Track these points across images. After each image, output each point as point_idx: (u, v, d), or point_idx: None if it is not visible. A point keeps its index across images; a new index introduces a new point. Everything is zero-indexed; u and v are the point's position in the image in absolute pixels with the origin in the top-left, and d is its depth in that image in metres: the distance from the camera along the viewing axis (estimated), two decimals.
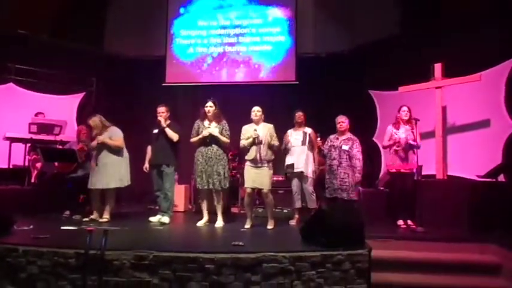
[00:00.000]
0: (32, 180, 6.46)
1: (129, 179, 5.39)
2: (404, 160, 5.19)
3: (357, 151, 5.27)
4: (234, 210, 6.79)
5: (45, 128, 6.45)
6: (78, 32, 8.11)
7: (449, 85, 5.90)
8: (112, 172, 5.24)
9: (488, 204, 4.85)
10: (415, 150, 5.19)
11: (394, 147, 5.23)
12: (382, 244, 4.03)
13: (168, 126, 5.27)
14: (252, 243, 3.86)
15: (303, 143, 5.38)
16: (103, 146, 5.23)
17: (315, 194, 5.40)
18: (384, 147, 5.59)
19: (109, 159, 5.25)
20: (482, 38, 5.83)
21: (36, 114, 6.83)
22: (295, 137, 5.44)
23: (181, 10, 8.89)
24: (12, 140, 6.32)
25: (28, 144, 6.45)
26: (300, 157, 5.34)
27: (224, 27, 8.74)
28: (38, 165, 6.45)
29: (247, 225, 4.96)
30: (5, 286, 3.27)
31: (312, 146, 5.42)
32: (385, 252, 3.86)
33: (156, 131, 5.32)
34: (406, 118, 5.29)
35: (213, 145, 5.07)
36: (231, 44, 8.67)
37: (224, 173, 5.08)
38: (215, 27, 8.77)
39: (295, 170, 5.34)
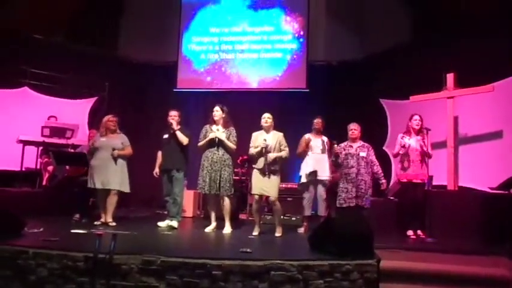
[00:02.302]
0: (44, 183, 6.54)
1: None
2: (415, 170, 5.15)
3: (375, 158, 5.29)
4: (243, 216, 6.79)
5: (58, 131, 6.53)
6: (92, 37, 8.24)
7: (461, 95, 5.85)
8: (120, 174, 5.33)
9: (500, 216, 4.77)
10: (427, 160, 5.15)
11: (400, 152, 5.22)
12: (391, 254, 3.98)
13: (178, 130, 5.31)
14: (259, 251, 3.86)
15: (323, 152, 5.39)
16: (110, 149, 5.29)
17: (326, 202, 5.38)
18: (394, 156, 5.56)
19: (119, 162, 5.34)
20: (496, 48, 5.77)
21: (49, 118, 6.92)
22: (316, 144, 5.43)
23: (194, 17, 8.97)
24: (25, 143, 6.41)
25: (40, 148, 6.54)
26: (323, 165, 5.35)
27: (236, 34, 8.79)
28: (50, 168, 6.53)
29: (255, 232, 4.95)
30: None
31: (328, 154, 5.43)
32: (394, 263, 3.80)
33: (166, 136, 5.37)
34: (418, 127, 5.25)
35: (220, 150, 5.08)
36: (243, 51, 8.72)
37: (229, 179, 5.08)
38: (227, 34, 8.83)
39: (318, 178, 5.32)
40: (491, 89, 5.56)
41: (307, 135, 5.49)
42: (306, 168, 5.39)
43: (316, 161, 5.38)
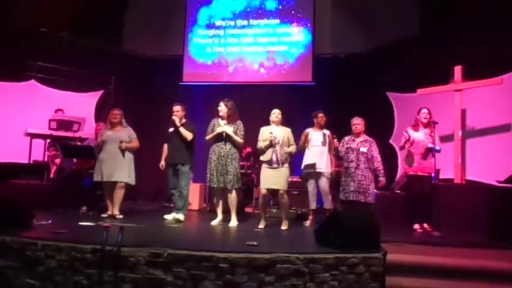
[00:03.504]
0: (51, 176, 6.59)
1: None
2: (423, 163, 5.13)
3: (377, 153, 5.24)
4: (248, 210, 6.80)
5: (65, 124, 6.56)
6: (98, 31, 8.24)
7: (469, 88, 5.80)
8: (128, 167, 5.37)
9: (507, 210, 4.74)
10: (434, 153, 5.13)
11: (406, 145, 5.21)
12: (398, 248, 3.99)
13: (182, 125, 5.33)
14: (266, 244, 3.86)
15: (323, 144, 5.37)
16: (117, 142, 5.32)
17: (330, 195, 5.38)
18: (400, 149, 5.53)
19: (126, 155, 5.38)
20: (504, 40, 5.70)
21: (56, 111, 6.96)
22: (316, 137, 5.41)
23: (200, 10, 8.94)
24: (33, 135, 6.46)
25: (48, 140, 6.59)
26: (321, 158, 5.32)
27: (241, 27, 8.76)
28: (57, 161, 6.57)
29: (261, 226, 4.97)
30: (24, 279, 3.35)
31: (329, 147, 5.40)
32: (400, 256, 3.81)
33: (171, 129, 5.38)
34: (426, 121, 5.22)
35: (227, 144, 5.10)
36: (248, 44, 8.68)
37: (236, 173, 5.10)
38: (232, 27, 8.79)
39: (316, 170, 5.31)
40: (499, 81, 5.50)
41: (309, 130, 5.47)
42: (305, 161, 5.40)
43: (315, 153, 5.35)
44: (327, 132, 5.45)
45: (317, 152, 5.36)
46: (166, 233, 4.56)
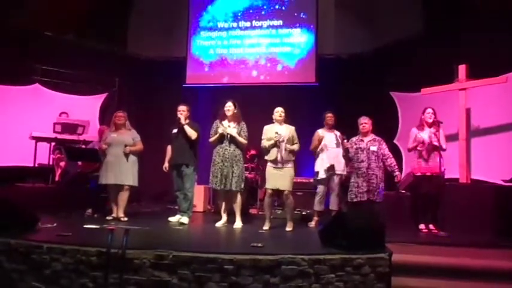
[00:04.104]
0: (56, 179, 6.62)
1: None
2: (430, 163, 5.10)
3: (387, 151, 5.26)
4: (253, 211, 6.79)
5: (69, 127, 6.59)
6: (102, 34, 8.27)
7: (473, 87, 5.77)
8: (133, 170, 5.39)
9: None
10: (441, 152, 5.10)
11: (418, 148, 5.18)
12: (403, 248, 3.97)
13: (187, 125, 5.33)
14: (270, 245, 3.86)
15: (338, 146, 5.36)
16: (122, 145, 5.33)
17: (338, 197, 5.37)
18: (409, 150, 5.48)
19: (130, 158, 5.39)
20: (507, 40, 5.66)
21: (60, 114, 6.99)
22: (330, 138, 5.39)
23: (202, 12, 8.97)
24: (38, 139, 6.49)
25: (53, 144, 6.62)
26: (338, 160, 5.32)
27: (244, 29, 8.77)
28: (62, 164, 6.60)
29: (266, 227, 4.96)
30: (30, 282, 3.36)
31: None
32: (406, 257, 3.79)
33: (175, 130, 5.38)
34: (431, 120, 5.20)
35: (231, 145, 5.09)
36: (251, 45, 8.70)
37: (240, 174, 5.09)
38: (235, 29, 8.81)
39: (336, 172, 5.30)
40: (504, 80, 5.47)
41: (320, 131, 5.45)
42: (322, 163, 5.35)
43: (332, 155, 5.33)
44: (338, 133, 5.45)
45: (334, 154, 5.34)
46: (171, 235, 4.56)
